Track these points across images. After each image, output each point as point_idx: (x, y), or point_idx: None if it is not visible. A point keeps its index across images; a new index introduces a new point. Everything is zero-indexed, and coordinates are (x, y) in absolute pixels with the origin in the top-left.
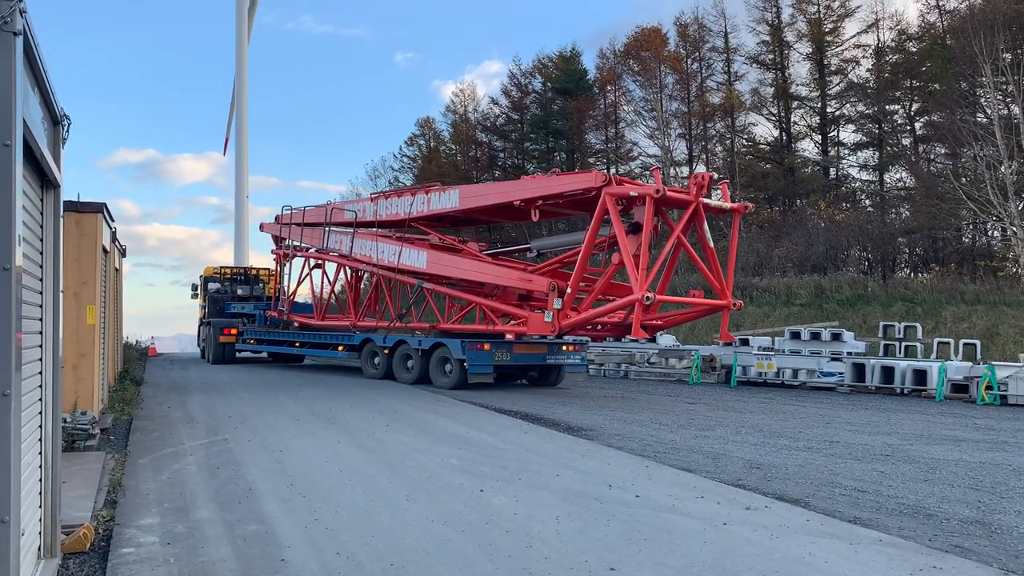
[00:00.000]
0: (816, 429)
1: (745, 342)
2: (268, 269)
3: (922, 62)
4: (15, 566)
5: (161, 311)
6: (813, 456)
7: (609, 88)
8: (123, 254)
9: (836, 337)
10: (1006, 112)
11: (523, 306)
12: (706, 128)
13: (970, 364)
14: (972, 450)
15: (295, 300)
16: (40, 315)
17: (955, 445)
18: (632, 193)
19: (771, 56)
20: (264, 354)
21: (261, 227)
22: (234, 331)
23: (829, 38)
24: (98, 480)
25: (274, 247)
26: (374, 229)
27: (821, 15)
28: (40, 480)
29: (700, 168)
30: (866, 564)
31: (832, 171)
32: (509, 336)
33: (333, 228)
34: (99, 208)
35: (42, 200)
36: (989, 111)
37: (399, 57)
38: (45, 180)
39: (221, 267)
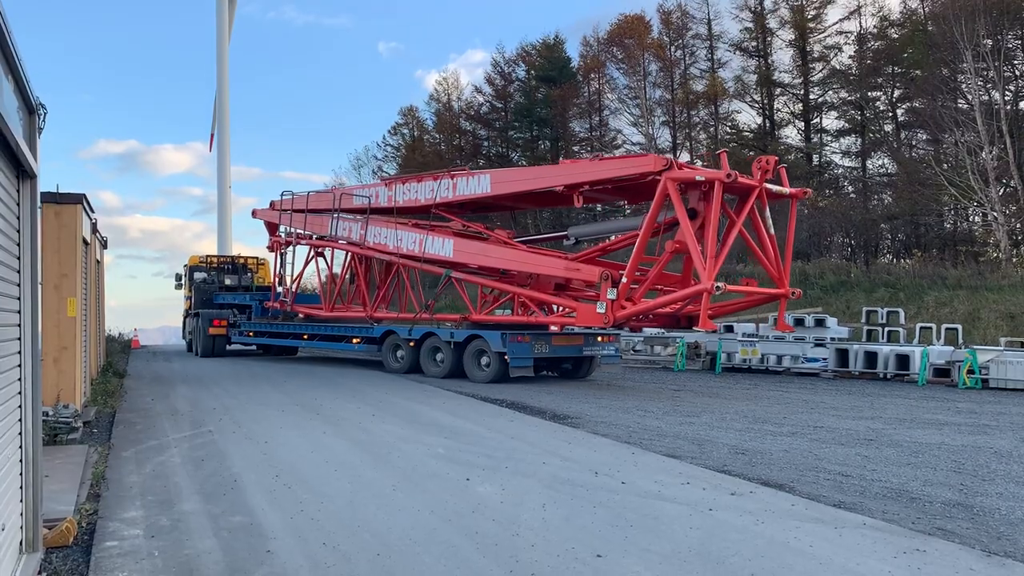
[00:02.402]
0: (800, 414)
1: (729, 328)
2: (256, 258)
3: (904, 49)
4: None
5: (144, 303)
6: (797, 441)
7: (593, 76)
8: (104, 246)
9: (820, 323)
10: (987, 98)
11: (560, 295)
12: (690, 115)
13: (952, 348)
14: (954, 433)
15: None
16: (18, 307)
17: (937, 429)
18: (698, 178)
19: (754, 43)
20: (253, 347)
21: (254, 213)
22: (224, 322)
23: (812, 25)
24: (81, 473)
25: (270, 235)
26: (391, 216)
27: (804, 2)
28: (21, 474)
29: (684, 156)
30: (850, 548)
31: (815, 158)
32: (554, 328)
33: (342, 215)
34: (78, 199)
35: (18, 191)
36: (970, 97)
37: (382, 47)
38: (21, 170)
39: (208, 256)
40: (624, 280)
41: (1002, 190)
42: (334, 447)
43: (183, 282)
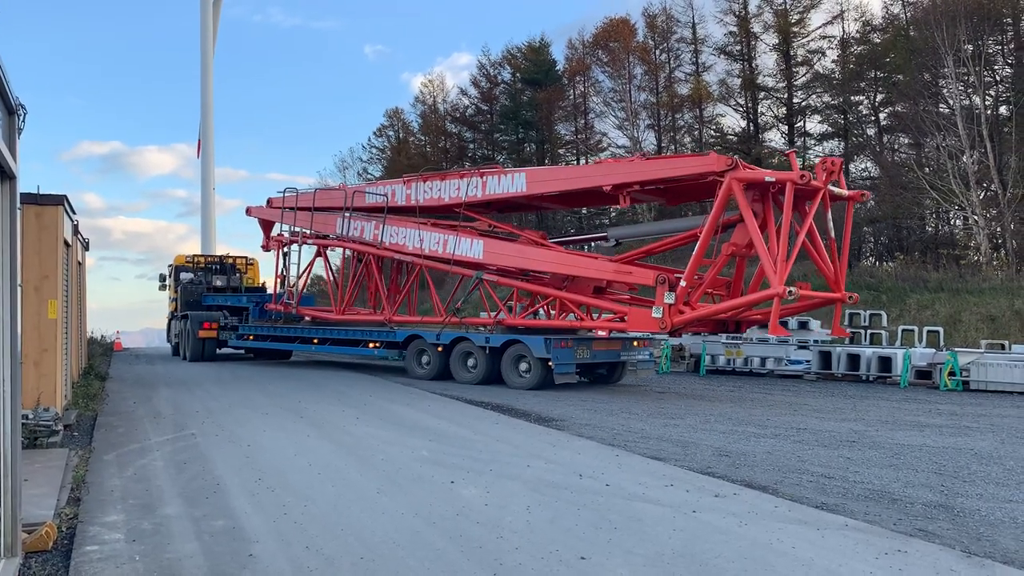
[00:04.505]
0: (783, 416)
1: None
2: (246, 258)
3: (886, 53)
4: None
5: (127, 306)
6: (781, 443)
7: (578, 79)
8: (86, 248)
9: (803, 326)
10: (968, 103)
11: (602, 299)
12: (675, 119)
13: (933, 351)
14: (935, 435)
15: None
16: None
17: (919, 431)
18: (768, 179)
19: (738, 47)
20: (242, 350)
21: (248, 211)
22: (215, 325)
23: (795, 29)
24: (61, 477)
25: (264, 234)
26: (411, 216)
27: (787, 6)
28: None
29: None
30: (833, 549)
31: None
32: (601, 333)
33: (353, 213)
34: (59, 200)
35: None
36: (951, 102)
37: (368, 49)
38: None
39: (195, 255)
40: (683, 284)
41: (983, 194)
42: (318, 450)
43: (168, 283)
